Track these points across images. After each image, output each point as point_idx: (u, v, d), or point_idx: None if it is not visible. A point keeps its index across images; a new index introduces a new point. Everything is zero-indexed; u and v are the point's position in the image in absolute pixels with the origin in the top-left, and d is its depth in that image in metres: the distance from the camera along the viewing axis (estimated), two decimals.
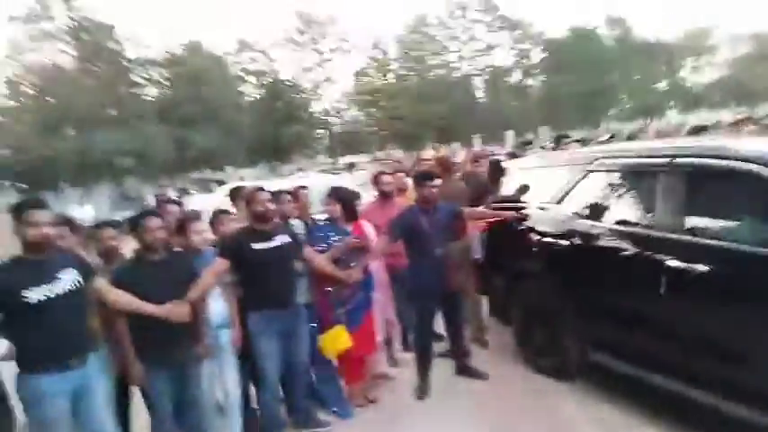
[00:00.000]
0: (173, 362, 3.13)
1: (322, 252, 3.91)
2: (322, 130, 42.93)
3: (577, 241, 3.86)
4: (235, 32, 62.60)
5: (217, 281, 3.37)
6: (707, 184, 3.12)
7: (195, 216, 3.62)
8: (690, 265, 2.96)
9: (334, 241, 4.00)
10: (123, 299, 2.95)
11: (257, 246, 3.45)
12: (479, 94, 42.09)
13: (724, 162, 3.00)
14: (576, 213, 3.94)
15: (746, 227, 2.89)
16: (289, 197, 4.11)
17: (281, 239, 3.56)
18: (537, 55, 39.98)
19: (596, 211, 3.80)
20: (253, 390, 3.83)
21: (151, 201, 15.50)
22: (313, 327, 3.90)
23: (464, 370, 4.42)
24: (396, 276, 4.52)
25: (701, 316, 2.97)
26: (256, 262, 3.42)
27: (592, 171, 3.93)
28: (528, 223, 4.37)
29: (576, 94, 35.48)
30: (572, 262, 3.92)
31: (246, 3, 56.34)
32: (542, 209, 4.29)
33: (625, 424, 3.44)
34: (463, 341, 4.46)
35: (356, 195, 4.41)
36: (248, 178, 23.53)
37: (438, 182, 4.22)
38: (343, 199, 4.17)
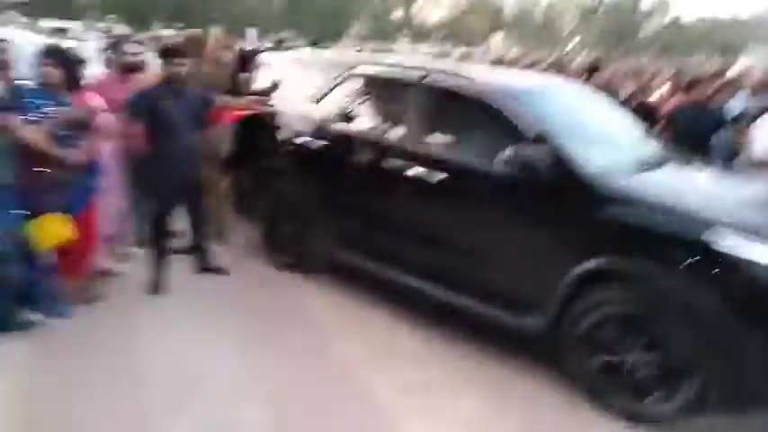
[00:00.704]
0: None
1: (33, 124, 3.16)
2: None
3: (329, 143, 3.96)
4: None
5: None
6: (447, 104, 3.48)
7: None
8: (429, 172, 3.32)
9: (50, 112, 3.26)
10: None
11: None
12: None
13: (462, 85, 3.39)
14: (332, 115, 4.00)
15: (472, 144, 3.34)
16: None
17: None
18: None
19: (351, 115, 3.92)
20: None
21: None
22: (18, 214, 3.18)
23: (204, 267, 4.23)
24: (131, 162, 3.97)
25: (434, 218, 3.39)
26: None
27: (353, 76, 4.00)
28: (281, 120, 4.28)
29: (318, 8, 35.91)
30: (322, 162, 4.02)
31: None
32: (298, 107, 4.23)
33: (358, 307, 3.80)
34: (204, 237, 4.24)
35: (81, 60, 3.63)
36: None
37: (187, 61, 3.77)
38: (66, 61, 3.38)
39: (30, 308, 3.36)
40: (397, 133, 3.61)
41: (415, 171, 3.39)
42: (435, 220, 3.39)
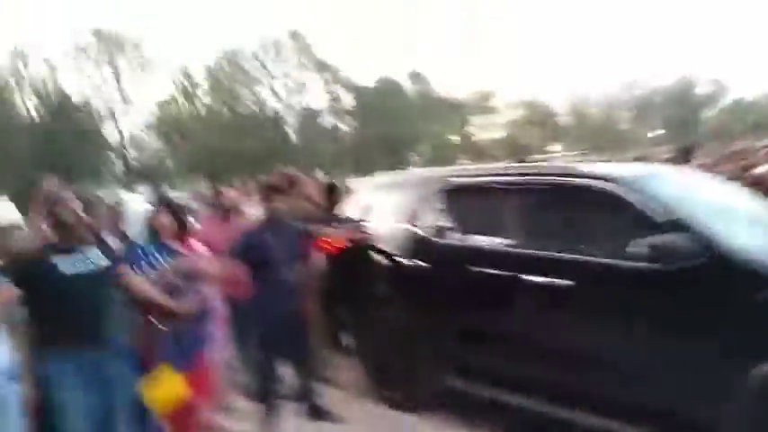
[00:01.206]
0: None
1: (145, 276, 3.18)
2: (115, 159, 38.61)
3: (432, 262, 3.77)
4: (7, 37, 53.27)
5: (1, 316, 2.49)
6: (560, 202, 3.25)
7: None
8: (552, 280, 3.01)
9: (160, 263, 3.28)
10: None
11: (61, 266, 2.63)
12: (291, 132, 42.22)
13: (576, 180, 3.16)
14: (432, 233, 3.84)
15: (596, 241, 3.04)
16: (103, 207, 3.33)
17: (93, 258, 2.78)
18: (348, 100, 41.73)
19: (453, 230, 3.74)
20: None
21: None
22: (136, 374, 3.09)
23: (315, 412, 3.90)
24: (235, 308, 3.93)
25: (565, 330, 3.01)
26: (60, 287, 2.59)
27: (449, 189, 3.87)
28: (378, 245, 4.17)
29: (384, 141, 37.79)
30: (426, 283, 3.80)
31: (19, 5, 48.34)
32: (393, 230, 4.13)
33: None
34: (311, 380, 3.98)
35: (190, 209, 3.76)
36: None
37: (284, 198, 3.82)
38: (176, 209, 3.48)
39: None
40: (508, 241, 3.36)
41: (537, 279, 3.08)
42: (570, 333, 3.00)
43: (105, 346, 2.74)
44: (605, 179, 3.02)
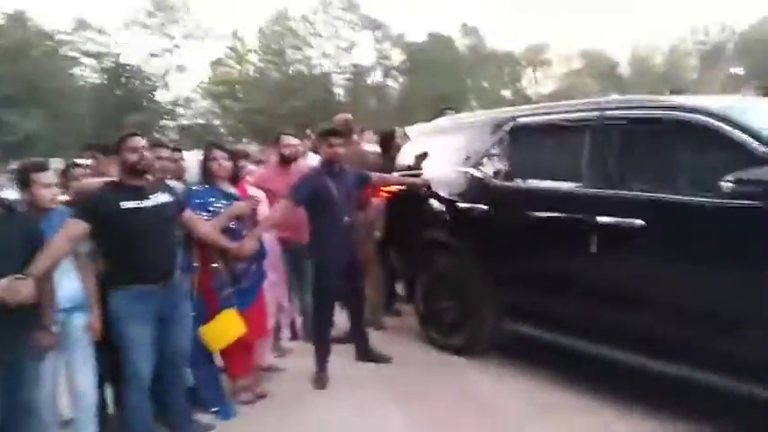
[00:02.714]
0: (4, 358, 2.25)
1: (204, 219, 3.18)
2: (169, 121, 39.57)
3: (495, 205, 3.61)
4: (69, 7, 55.04)
5: (71, 249, 2.53)
6: (638, 138, 2.99)
7: (41, 166, 2.71)
8: (624, 220, 2.80)
9: (218, 208, 3.27)
10: None
11: (129, 204, 2.65)
12: (339, 91, 41.99)
13: (661, 112, 2.87)
14: (496, 175, 3.67)
15: (685, 177, 2.79)
16: (167, 152, 3.33)
17: (159, 198, 2.79)
18: (397, 56, 40.97)
19: (519, 171, 3.56)
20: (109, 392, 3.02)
21: None
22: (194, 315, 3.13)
23: (365, 354, 3.93)
24: (291, 253, 3.92)
25: (638, 273, 2.81)
26: (127, 225, 2.62)
27: (514, 129, 3.64)
28: (436, 190, 4.04)
29: (432, 96, 36.96)
30: (487, 228, 3.65)
31: None
32: (453, 174, 3.97)
33: (540, 390, 3.28)
34: (363, 324, 3.97)
35: (246, 154, 3.73)
36: None
37: (342, 142, 3.72)
38: (231, 153, 3.43)
39: (201, 410, 3.22)
40: (578, 182, 3.14)
41: (608, 219, 2.87)
42: (643, 275, 2.80)
43: (168, 283, 2.77)
44: (696, 111, 2.73)
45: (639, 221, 2.73)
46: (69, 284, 2.62)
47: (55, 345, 2.53)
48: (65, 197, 2.88)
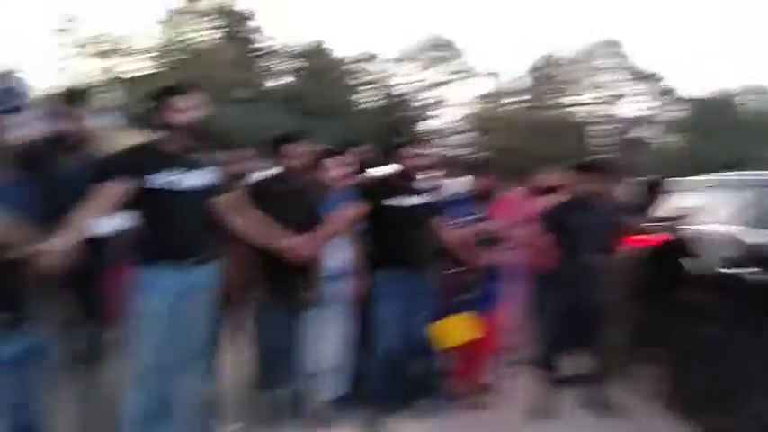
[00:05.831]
0: (289, 302, 2.78)
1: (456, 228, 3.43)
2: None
3: None
4: (357, 38, 63.65)
5: (349, 225, 3.01)
6: None
7: (332, 154, 3.30)
8: None
9: (467, 220, 3.49)
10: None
11: (400, 200, 3.17)
12: (592, 139, 40.18)
13: None
14: None
15: None
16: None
17: (422, 199, 3.18)
18: (667, 111, 37.60)
19: None
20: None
21: None
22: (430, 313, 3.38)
23: (594, 400, 3.69)
24: (537, 276, 3.93)
25: None
26: (397, 215, 3.10)
27: None
28: (703, 247, 3.62)
29: (721, 162, 32.80)
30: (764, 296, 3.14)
31: (376, 11, 56.73)
32: (727, 233, 3.52)
33: None
34: (598, 368, 3.74)
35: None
36: None
37: (599, 178, 3.62)
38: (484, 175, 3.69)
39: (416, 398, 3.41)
40: None
41: None
42: None
43: (421, 270, 3.15)
44: None
45: None
46: (339, 255, 3.08)
47: (317, 303, 2.97)
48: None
